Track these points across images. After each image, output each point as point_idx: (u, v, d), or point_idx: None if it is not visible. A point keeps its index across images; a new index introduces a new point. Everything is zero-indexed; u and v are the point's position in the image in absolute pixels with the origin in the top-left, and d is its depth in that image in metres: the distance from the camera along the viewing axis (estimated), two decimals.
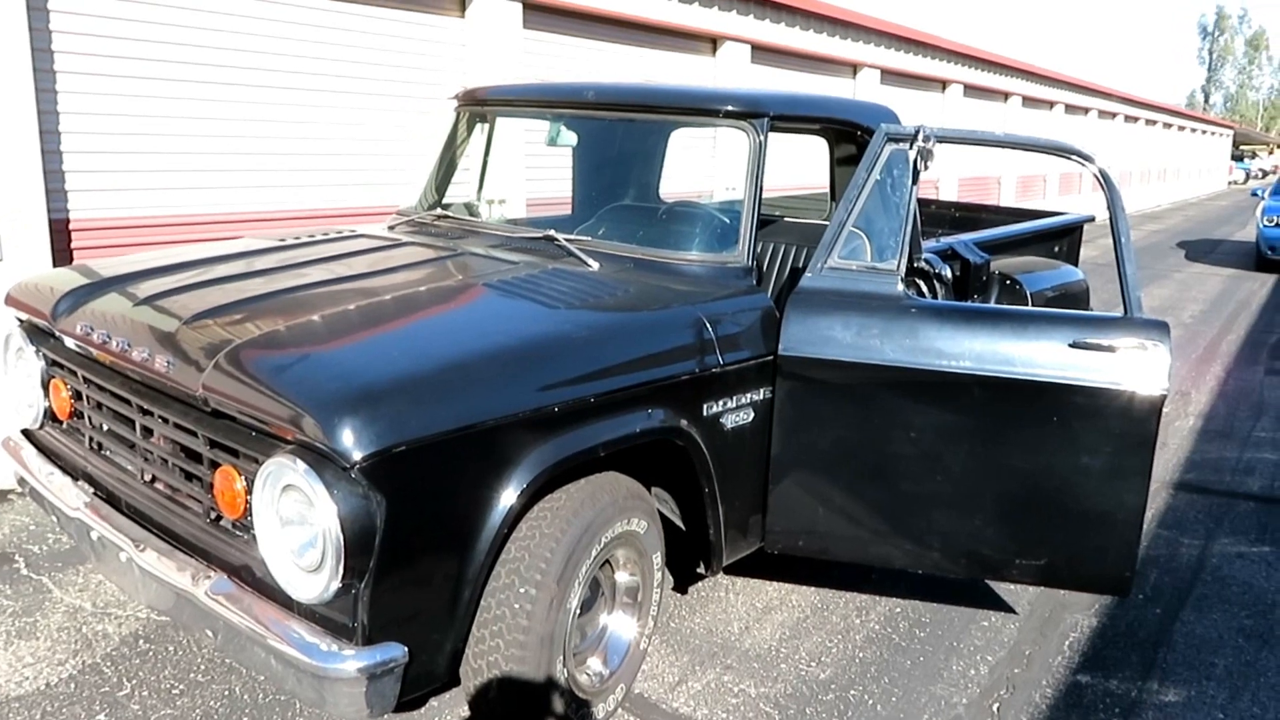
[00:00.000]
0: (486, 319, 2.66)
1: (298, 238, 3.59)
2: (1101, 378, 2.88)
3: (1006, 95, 16.80)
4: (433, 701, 2.96)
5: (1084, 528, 3.00)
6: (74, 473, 2.93)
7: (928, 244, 4.24)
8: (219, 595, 2.39)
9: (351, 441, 2.10)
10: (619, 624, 2.92)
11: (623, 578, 2.92)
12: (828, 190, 4.48)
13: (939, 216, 6.23)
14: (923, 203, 6.43)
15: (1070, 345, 2.92)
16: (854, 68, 11.59)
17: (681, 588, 3.74)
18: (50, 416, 3.10)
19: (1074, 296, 5.07)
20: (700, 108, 3.32)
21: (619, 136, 3.95)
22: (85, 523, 2.72)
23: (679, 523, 3.12)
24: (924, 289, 3.93)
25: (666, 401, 2.75)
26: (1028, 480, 2.99)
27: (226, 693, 2.95)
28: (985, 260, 4.35)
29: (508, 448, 2.36)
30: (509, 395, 2.37)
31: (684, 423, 2.81)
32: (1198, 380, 7.49)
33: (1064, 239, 5.66)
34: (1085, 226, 5.81)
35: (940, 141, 3.15)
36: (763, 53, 9.58)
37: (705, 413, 2.90)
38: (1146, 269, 14.15)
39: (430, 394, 2.24)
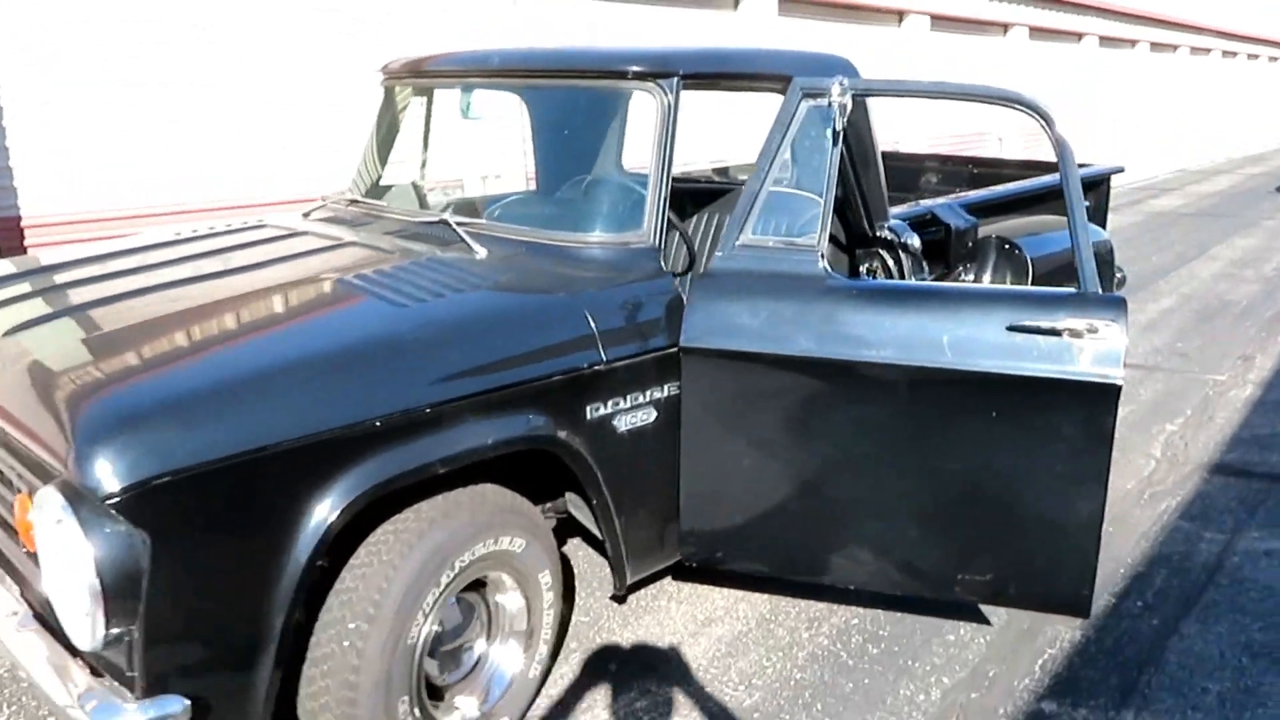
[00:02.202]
0: (319, 323, 2.37)
1: (195, 231, 3.37)
2: (1044, 366, 2.46)
3: (1080, 36, 15.73)
4: None
5: (1032, 540, 2.59)
6: None
7: (900, 209, 3.81)
8: (21, 631, 2.19)
9: (105, 474, 1.85)
10: (502, 654, 2.64)
11: (507, 601, 2.64)
12: None
13: (954, 174, 5.72)
14: (931, 159, 5.93)
15: (1008, 329, 2.50)
16: (899, 15, 10.93)
17: (621, 595, 3.44)
18: None
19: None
20: (598, 69, 2.96)
21: (545, 106, 3.61)
22: None
23: (596, 532, 2.82)
24: (888, 263, 3.52)
25: (531, 406, 2.44)
26: (966, 486, 2.59)
27: None
28: (971, 224, 3.89)
29: (314, 470, 2.08)
30: (317, 410, 2.09)
31: (558, 428, 2.49)
32: (1266, 343, 6.80)
33: (1088, 194, 5.11)
34: (1113, 180, 5.25)
35: (860, 95, 2.74)
36: (791, 3, 9.06)
37: (589, 415, 2.58)
38: (1233, 216, 13.13)
39: (209, 416, 1.98)
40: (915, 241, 3.50)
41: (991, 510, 2.59)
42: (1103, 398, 2.43)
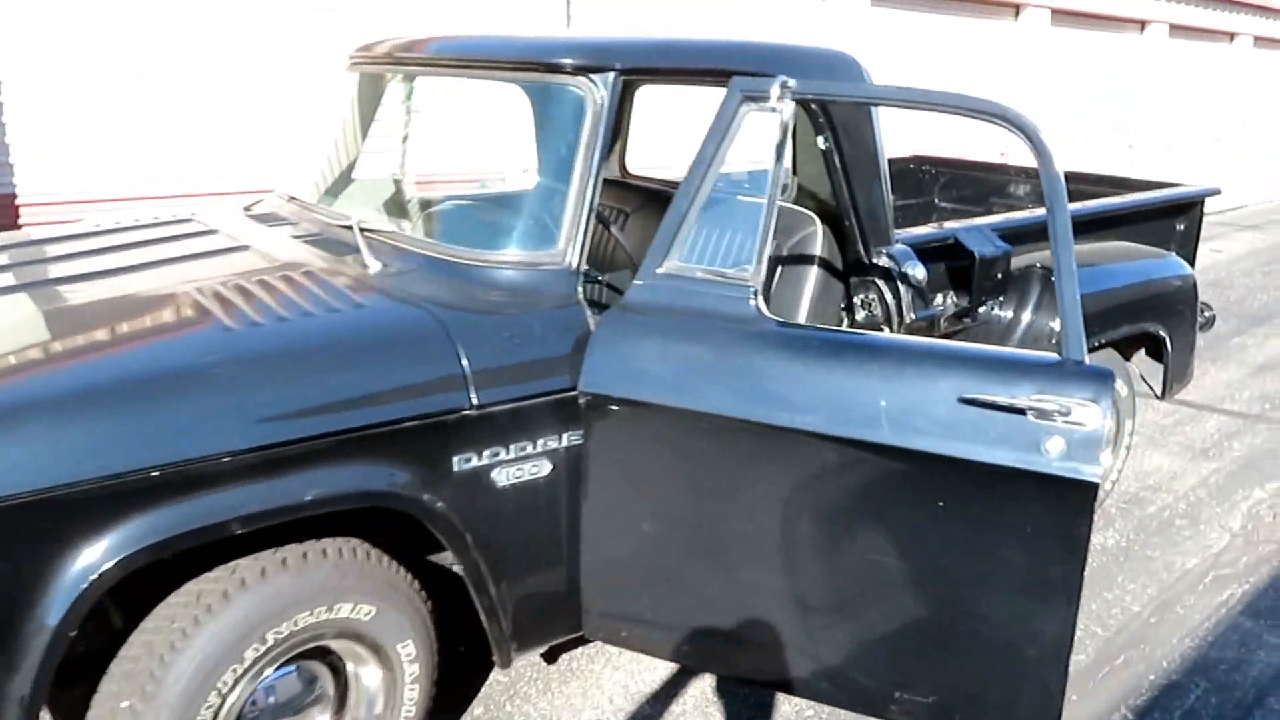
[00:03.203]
0: (124, 351, 2.05)
1: (117, 223, 3.13)
2: (1002, 453, 1.94)
3: (1232, 36, 14.35)
4: None
5: (983, 663, 2.08)
6: None
7: (916, 232, 3.28)
8: None
9: None
10: None
11: (366, 675, 2.29)
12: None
13: (1008, 187, 5.09)
14: (990, 169, 5.28)
15: (960, 401, 1.99)
16: (1015, 8, 10.06)
17: (553, 654, 3.06)
18: None
19: (1160, 300, 3.90)
20: (524, 61, 2.56)
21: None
22: None
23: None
24: (885, 294, 3.01)
25: (369, 456, 2.07)
26: (905, 588, 2.10)
27: None
28: (1002, 252, 3.33)
29: (64, 528, 1.77)
30: (72, 458, 1.77)
31: (407, 482, 2.12)
32: None
33: (1177, 219, 4.42)
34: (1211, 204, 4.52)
35: (805, 99, 2.26)
36: None
37: (457, 467, 2.20)
38: None
39: None
40: (918, 272, 2.98)
41: (936, 621, 2.09)
42: (1074, 497, 1.91)
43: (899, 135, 8.92)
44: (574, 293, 2.41)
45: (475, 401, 2.18)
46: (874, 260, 3.00)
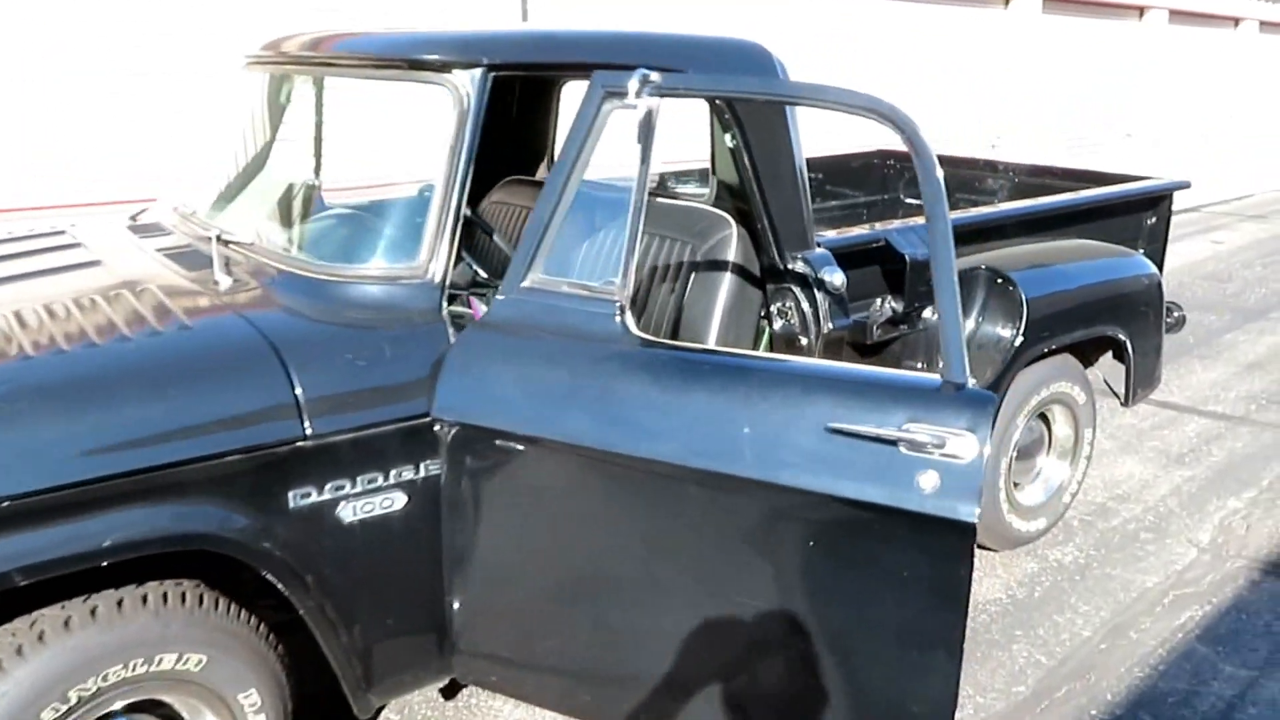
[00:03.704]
0: None
1: (10, 233, 2.96)
2: (871, 489, 1.74)
3: (1237, 21, 14.00)
4: None
5: (859, 717, 1.87)
6: None
7: (839, 236, 3.06)
8: None
9: None
10: None
11: None
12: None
13: (976, 183, 4.87)
14: (958, 163, 5.05)
15: (828, 430, 1.78)
16: (1140, 10, 9.71)
17: (452, 688, 2.87)
18: None
19: (1119, 302, 3.68)
20: (387, 58, 2.36)
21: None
22: None
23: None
24: (801, 302, 2.80)
25: (189, 495, 1.88)
26: (774, 633, 1.90)
27: None
28: None
29: None
30: None
31: (234, 523, 1.93)
32: None
33: (1146, 214, 4.18)
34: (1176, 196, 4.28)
35: (667, 95, 2.05)
36: None
37: (294, 504, 2.01)
38: None
39: None
40: (836, 278, 2.77)
41: (808, 672, 1.89)
42: (951, 540, 1.70)
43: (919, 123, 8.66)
44: (436, 308, 2.21)
45: (310, 431, 1.99)
46: (789, 266, 2.80)
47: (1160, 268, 4.25)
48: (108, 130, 4.95)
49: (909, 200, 5.32)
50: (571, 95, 3.00)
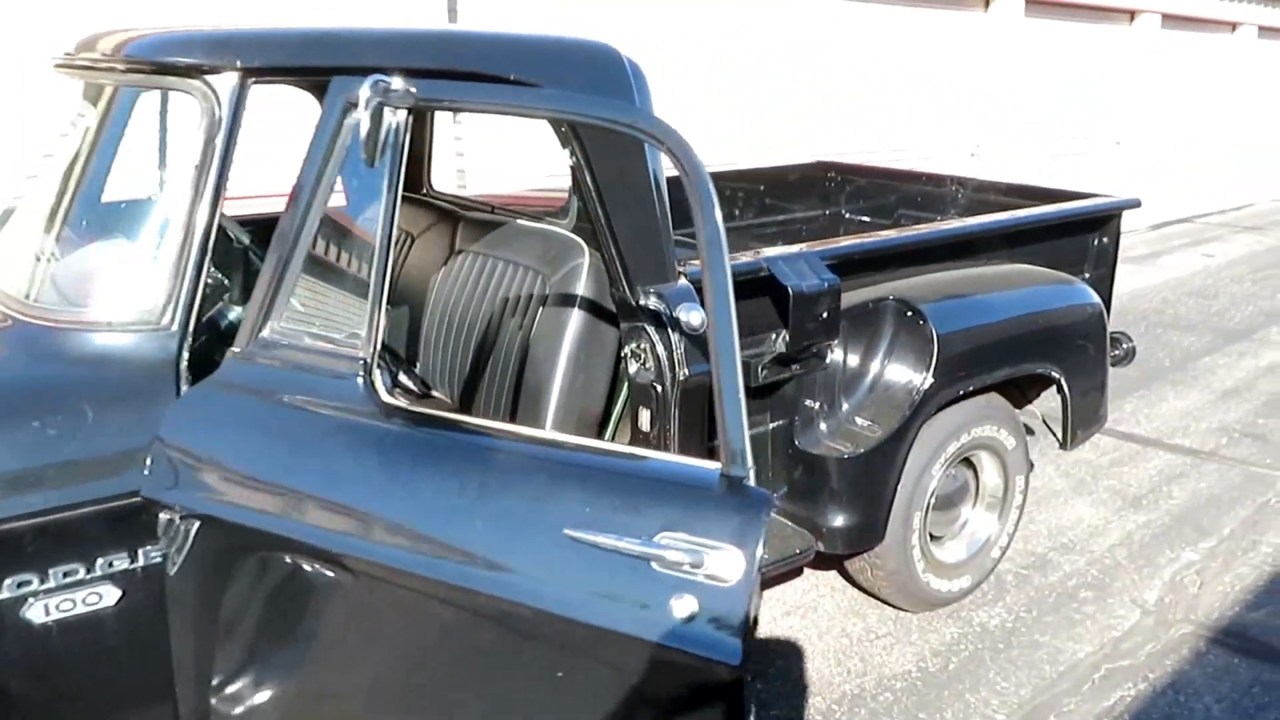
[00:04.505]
0: None
1: None
2: (621, 613, 1.36)
3: (1234, 26, 13.56)
4: None
5: None
6: None
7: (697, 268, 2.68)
8: None
9: None
10: None
11: None
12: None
13: (920, 198, 4.49)
14: (904, 177, 4.68)
15: (569, 534, 1.41)
16: (1130, 14, 9.33)
17: None
18: None
19: (1052, 335, 3.29)
20: (134, 61, 1.99)
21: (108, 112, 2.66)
22: None
23: None
24: (655, 344, 2.43)
25: None
26: None
27: None
28: (827, 285, 2.73)
29: None
30: None
31: None
32: None
33: (1093, 234, 3.79)
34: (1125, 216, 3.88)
35: (398, 105, 1.67)
36: None
37: None
38: None
39: None
40: (694, 318, 2.38)
41: None
42: (711, 681, 1.32)
43: (891, 134, 8.21)
44: (170, 361, 1.84)
45: None
46: (641, 301, 2.42)
47: (1109, 292, 3.88)
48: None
49: (850, 216, 4.95)
50: None
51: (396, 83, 1.63)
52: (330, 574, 1.59)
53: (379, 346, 1.69)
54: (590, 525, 1.37)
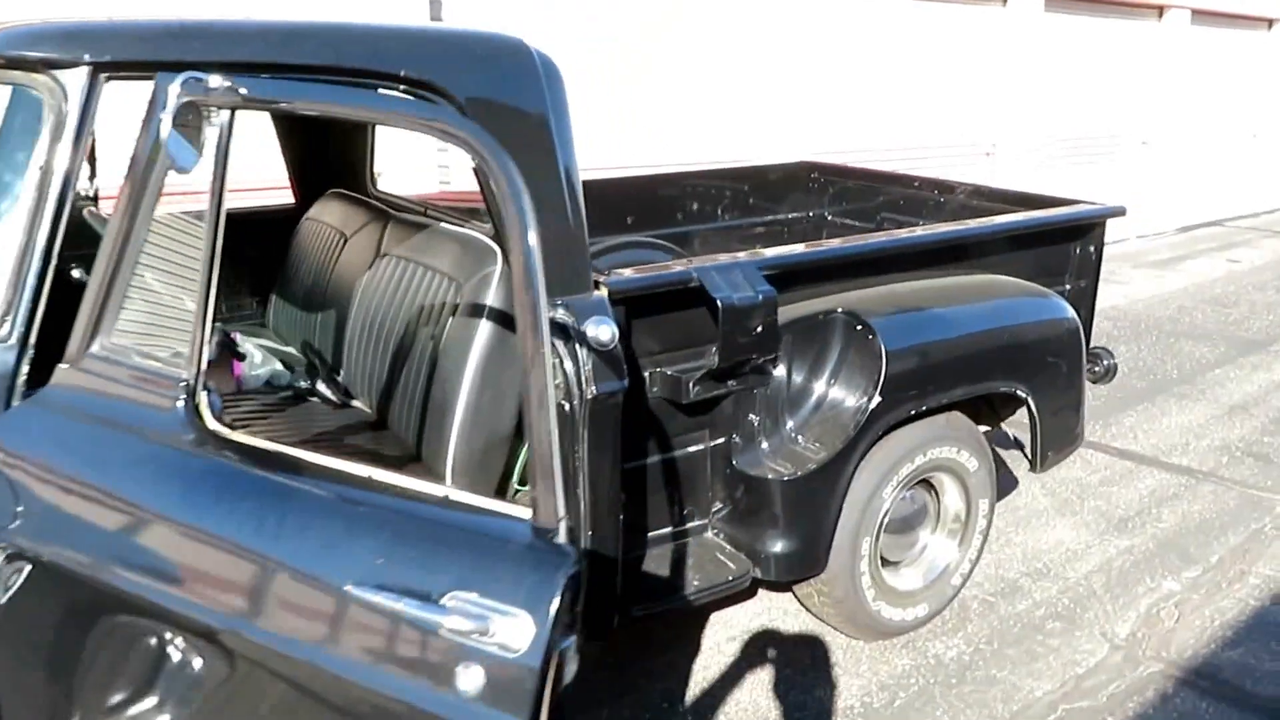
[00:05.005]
0: None
1: None
2: (407, 682, 1.21)
3: (1270, 22, 13.10)
4: None
5: None
6: None
7: (624, 277, 2.51)
8: None
9: None
10: None
11: None
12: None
13: (903, 202, 4.29)
14: (890, 179, 4.48)
15: (355, 588, 1.26)
16: (1159, 10, 9.02)
17: None
18: None
19: (1018, 352, 3.10)
20: None
21: None
22: None
23: None
24: (563, 359, 2.28)
25: None
26: None
27: None
28: (761, 298, 2.56)
29: None
30: None
31: None
32: None
33: (1074, 244, 3.58)
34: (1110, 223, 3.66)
35: (216, 105, 1.53)
36: None
37: None
38: None
39: None
40: (603, 333, 2.22)
41: None
42: None
43: (905, 132, 7.96)
44: (6, 375, 1.71)
45: None
46: (550, 316, 2.26)
47: (1091, 305, 3.67)
48: (107, 130, 4.56)
49: (834, 219, 4.75)
50: None
51: (215, 80, 1.49)
52: (140, 622, 1.46)
53: (204, 367, 1.55)
54: (376, 580, 1.22)
